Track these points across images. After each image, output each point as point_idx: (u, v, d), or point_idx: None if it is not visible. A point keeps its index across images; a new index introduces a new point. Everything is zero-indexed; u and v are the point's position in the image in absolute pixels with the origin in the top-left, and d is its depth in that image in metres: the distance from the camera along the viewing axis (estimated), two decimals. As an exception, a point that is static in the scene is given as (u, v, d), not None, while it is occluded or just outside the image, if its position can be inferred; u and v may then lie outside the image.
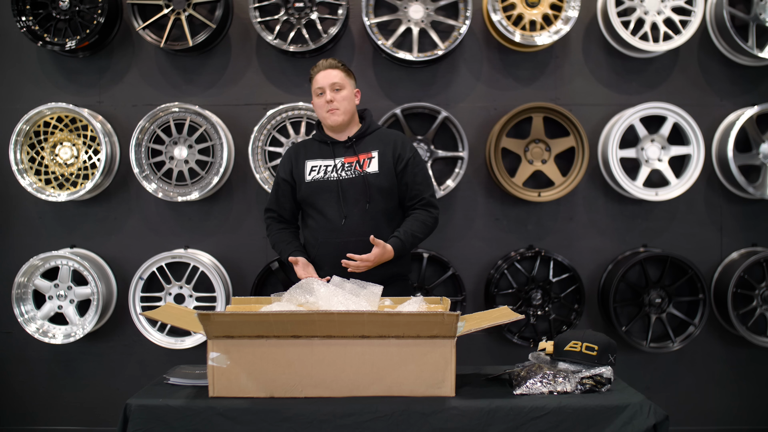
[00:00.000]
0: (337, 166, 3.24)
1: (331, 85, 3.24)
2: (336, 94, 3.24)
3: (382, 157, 3.25)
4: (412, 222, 3.23)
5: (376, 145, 3.29)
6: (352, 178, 3.21)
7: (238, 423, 2.38)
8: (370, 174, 3.22)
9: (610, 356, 2.63)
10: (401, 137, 3.34)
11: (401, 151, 3.27)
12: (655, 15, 4.28)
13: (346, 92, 3.27)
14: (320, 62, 3.30)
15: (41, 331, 4.26)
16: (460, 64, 4.42)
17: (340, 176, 3.22)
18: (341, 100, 3.25)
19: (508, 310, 2.73)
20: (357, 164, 3.24)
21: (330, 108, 3.24)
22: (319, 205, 3.23)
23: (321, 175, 3.25)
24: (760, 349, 4.39)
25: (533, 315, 4.28)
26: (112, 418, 4.19)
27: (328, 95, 3.24)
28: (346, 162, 3.25)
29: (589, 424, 2.39)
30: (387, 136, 3.32)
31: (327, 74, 3.26)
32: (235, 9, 4.36)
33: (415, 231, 3.20)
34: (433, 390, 2.47)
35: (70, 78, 4.44)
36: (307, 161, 3.29)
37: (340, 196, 3.20)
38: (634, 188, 4.26)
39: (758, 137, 4.32)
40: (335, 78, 3.25)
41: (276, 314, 2.42)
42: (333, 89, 3.24)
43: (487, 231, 4.43)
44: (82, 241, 4.44)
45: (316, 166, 3.27)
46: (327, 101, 3.23)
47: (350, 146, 3.28)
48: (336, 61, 3.31)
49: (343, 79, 3.26)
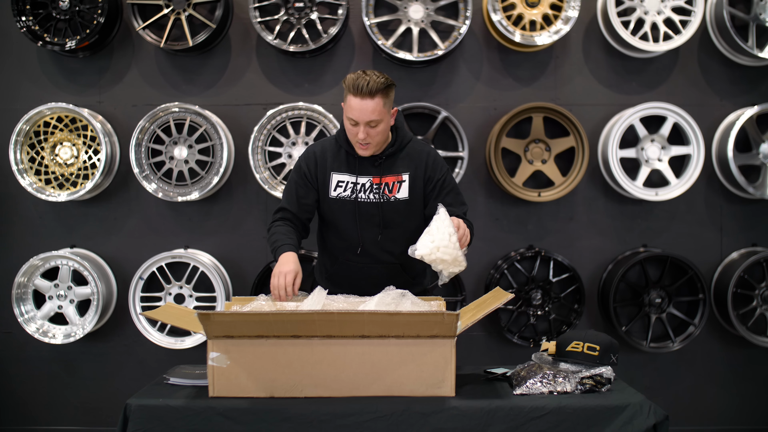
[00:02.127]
0: (365, 185, 2.97)
1: (367, 122, 2.83)
2: (371, 130, 2.86)
3: (413, 182, 2.99)
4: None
5: (407, 166, 2.99)
6: (380, 203, 2.97)
7: (238, 423, 2.38)
8: (401, 201, 2.98)
9: (612, 356, 2.63)
10: (432, 155, 3.03)
11: (431, 172, 3.00)
12: (655, 15, 4.28)
13: (383, 125, 2.87)
14: (360, 82, 2.79)
15: (41, 331, 4.26)
16: (460, 64, 4.42)
17: (368, 198, 2.97)
18: (375, 136, 2.88)
19: (500, 292, 2.70)
20: (386, 188, 2.98)
21: (362, 143, 2.89)
22: (341, 224, 3.02)
23: (348, 194, 2.98)
24: (760, 349, 4.39)
25: (533, 315, 4.28)
26: (112, 418, 4.19)
27: (361, 133, 2.85)
28: (375, 183, 2.97)
29: (589, 424, 2.39)
30: (418, 154, 3.01)
31: (363, 107, 2.81)
32: (235, 9, 4.36)
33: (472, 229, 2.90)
34: (433, 390, 2.46)
35: (70, 78, 4.44)
36: (333, 174, 2.99)
37: (360, 218, 2.98)
38: (634, 188, 4.26)
39: (758, 137, 4.32)
40: (373, 114, 2.81)
41: (276, 314, 2.42)
42: (368, 126, 2.84)
43: (487, 231, 4.43)
44: (82, 241, 4.44)
45: (342, 181, 2.99)
46: (359, 138, 2.86)
47: (379, 165, 2.99)
48: (377, 82, 2.80)
49: (381, 111, 2.83)
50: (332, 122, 4.20)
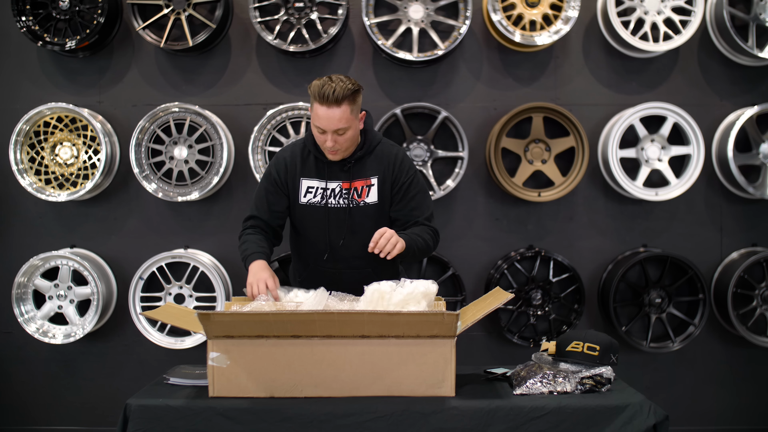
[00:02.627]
0: (335, 191, 2.96)
1: (335, 130, 2.81)
2: (339, 138, 2.84)
3: (382, 185, 2.97)
4: (414, 229, 2.95)
5: (375, 169, 2.97)
6: (349, 207, 2.96)
7: (238, 423, 2.38)
8: (370, 205, 2.97)
9: (612, 356, 2.63)
10: (400, 156, 3.01)
11: (398, 174, 2.98)
12: (655, 15, 4.28)
13: (351, 132, 2.85)
14: (325, 90, 2.77)
15: (41, 331, 4.26)
16: (460, 64, 4.42)
17: (338, 203, 2.96)
18: (344, 142, 2.86)
19: (500, 292, 2.71)
20: (355, 192, 2.96)
21: (331, 150, 2.88)
22: (311, 229, 3.00)
23: (318, 200, 2.97)
24: (760, 349, 4.39)
25: (533, 315, 4.28)
26: (112, 418, 4.18)
27: (329, 141, 2.83)
28: (344, 188, 2.96)
29: (589, 424, 2.39)
30: (387, 156, 2.99)
31: (330, 115, 2.78)
32: (235, 9, 4.36)
33: (419, 234, 2.92)
34: (433, 390, 2.47)
35: (70, 78, 4.44)
36: (303, 180, 2.98)
37: (330, 224, 2.97)
38: (634, 188, 4.26)
39: (758, 137, 4.32)
40: (340, 122, 2.79)
41: (276, 314, 2.42)
42: (336, 133, 2.82)
43: (487, 231, 4.43)
44: (82, 241, 4.44)
45: (312, 187, 2.98)
46: (327, 146, 2.85)
47: (348, 170, 2.97)
48: (342, 88, 2.77)
49: (348, 119, 2.81)
50: (332, 122, 4.20)
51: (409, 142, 4.30)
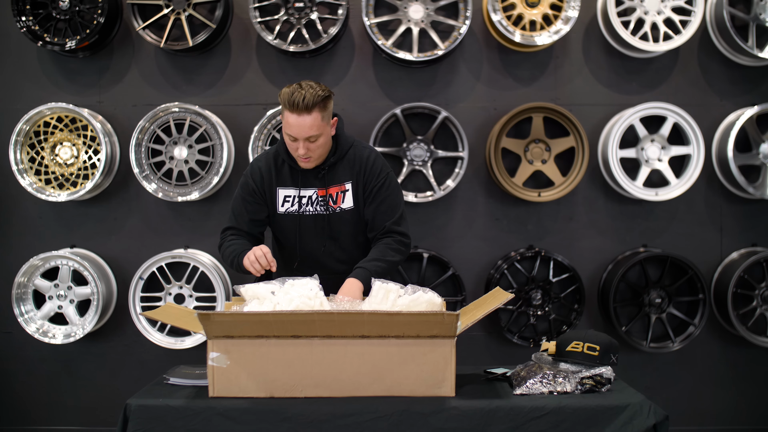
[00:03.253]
0: (312, 198, 2.95)
1: (306, 138, 2.79)
2: (311, 145, 2.82)
3: (356, 189, 2.96)
4: (375, 251, 2.93)
5: (349, 174, 2.96)
6: (326, 215, 2.96)
7: (238, 423, 2.38)
8: (346, 210, 2.96)
9: (612, 356, 2.63)
10: (372, 159, 2.97)
11: (368, 177, 2.95)
12: (655, 15, 4.28)
13: (323, 138, 2.83)
14: (295, 98, 2.74)
15: (41, 331, 4.26)
16: (460, 64, 4.42)
17: (316, 210, 2.96)
18: (316, 149, 2.84)
19: (500, 292, 2.71)
20: (330, 199, 2.94)
21: (303, 158, 2.86)
22: (289, 238, 3.01)
23: (295, 208, 2.97)
24: (760, 349, 4.39)
25: (533, 315, 4.28)
26: (112, 418, 4.18)
27: (301, 148, 2.81)
28: (320, 195, 2.95)
29: (588, 424, 2.39)
30: (359, 160, 2.96)
31: (301, 123, 2.76)
32: (235, 9, 4.36)
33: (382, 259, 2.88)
34: (433, 390, 2.47)
35: (70, 78, 4.44)
36: (279, 189, 2.98)
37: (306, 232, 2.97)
38: (634, 188, 4.26)
39: (758, 137, 4.32)
40: (311, 130, 2.77)
41: (276, 314, 2.42)
42: (308, 141, 2.80)
43: (487, 231, 4.43)
44: (82, 241, 4.44)
45: (289, 196, 2.97)
46: (299, 154, 2.83)
47: (322, 177, 2.95)
48: (312, 96, 2.74)
49: (319, 126, 2.79)
50: (332, 122, 4.21)
51: (409, 142, 4.30)
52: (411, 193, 4.29)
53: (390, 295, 2.59)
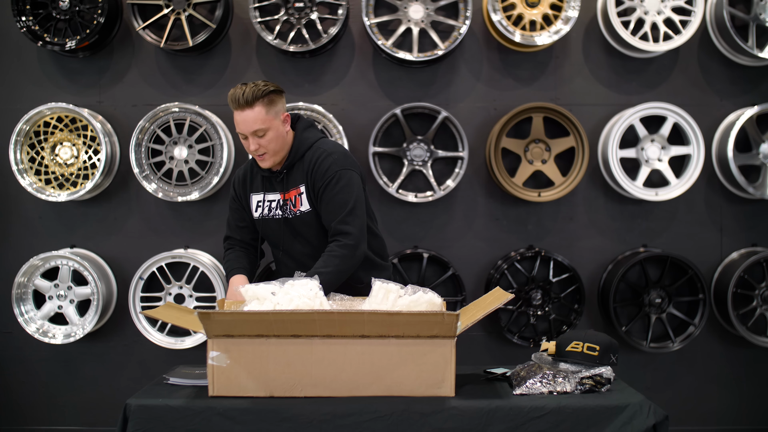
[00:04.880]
0: (277, 203, 2.96)
1: (253, 132, 2.80)
2: (261, 140, 2.82)
3: (309, 191, 2.91)
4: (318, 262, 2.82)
5: (301, 177, 2.92)
6: (289, 218, 2.95)
7: (238, 423, 2.38)
8: (305, 213, 2.92)
9: (612, 356, 2.63)
10: (320, 160, 2.88)
11: (314, 180, 2.88)
12: (655, 15, 4.28)
13: (272, 133, 2.82)
14: (236, 94, 2.79)
15: (41, 331, 4.26)
16: (460, 64, 4.42)
17: (281, 215, 2.96)
18: (268, 144, 2.83)
19: (500, 292, 2.70)
20: (290, 203, 2.94)
21: (257, 155, 2.87)
22: (269, 241, 3.06)
23: (266, 212, 2.99)
24: (760, 349, 4.39)
25: (533, 315, 4.28)
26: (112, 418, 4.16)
27: (252, 144, 2.82)
28: (282, 199, 2.95)
29: (588, 424, 2.39)
30: (308, 162, 2.90)
31: (244, 118, 2.79)
32: (235, 9, 4.36)
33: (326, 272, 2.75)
34: (433, 390, 2.46)
35: (70, 78, 4.44)
36: (252, 195, 3.01)
37: (275, 234, 2.99)
38: (634, 188, 4.26)
39: (758, 137, 4.32)
40: (256, 123, 2.79)
41: (276, 313, 2.42)
42: (256, 135, 2.81)
43: (487, 231, 4.43)
44: (82, 241, 4.44)
45: (260, 202, 3.00)
46: (252, 150, 2.85)
47: (281, 181, 2.94)
48: (253, 91, 2.78)
49: (264, 119, 2.79)
50: (332, 122, 4.21)
51: (409, 142, 4.30)
52: (411, 193, 4.29)
53: (390, 296, 2.59)
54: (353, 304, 2.68)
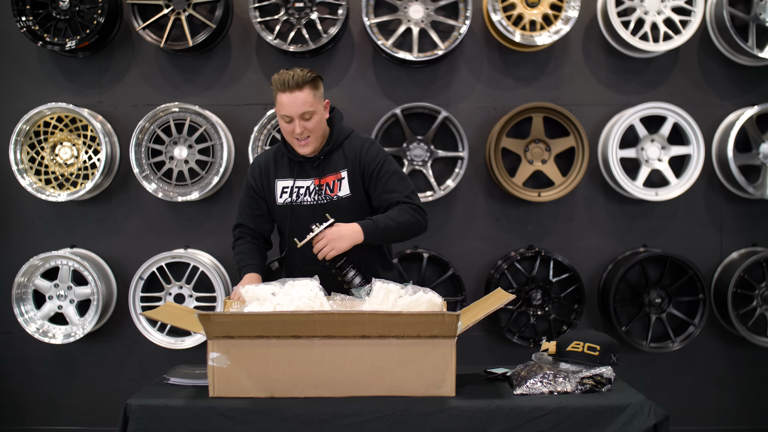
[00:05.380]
0: (310, 188, 2.98)
1: (301, 115, 2.84)
2: (306, 123, 2.86)
3: (352, 177, 2.97)
4: (387, 211, 2.93)
5: (344, 162, 2.98)
6: (323, 203, 2.97)
7: (238, 423, 2.38)
8: (344, 198, 2.97)
9: (613, 356, 2.63)
10: (366, 146, 3.01)
11: (365, 163, 2.97)
12: (655, 15, 4.28)
13: (317, 117, 2.88)
14: (285, 77, 2.83)
15: (41, 331, 4.26)
16: (460, 64, 4.42)
17: (314, 200, 2.97)
18: (312, 128, 2.88)
19: (501, 293, 2.70)
20: (327, 188, 2.97)
21: (300, 139, 2.90)
22: (294, 230, 2.98)
23: (294, 198, 2.99)
24: (760, 349, 4.39)
25: (533, 315, 4.28)
26: (112, 418, 4.18)
27: (297, 127, 2.85)
28: (316, 184, 2.97)
29: (589, 424, 2.39)
30: (353, 148, 2.99)
31: (293, 100, 2.83)
32: (235, 9, 4.36)
33: (391, 216, 2.87)
34: (434, 390, 2.47)
35: (70, 78, 4.44)
36: (278, 181, 3.02)
37: (298, 221, 2.97)
38: (634, 188, 4.26)
39: (758, 137, 4.32)
40: (305, 105, 2.83)
41: (276, 314, 2.42)
42: (303, 118, 2.85)
43: (487, 231, 4.43)
44: (82, 241, 4.44)
45: (287, 187, 3.00)
46: (297, 133, 2.87)
47: (318, 166, 2.99)
48: (302, 74, 2.83)
49: (313, 102, 2.85)
50: (332, 122, 4.21)
51: (409, 142, 4.30)
52: (411, 193, 4.29)
53: (390, 296, 2.59)
54: (353, 304, 2.68)
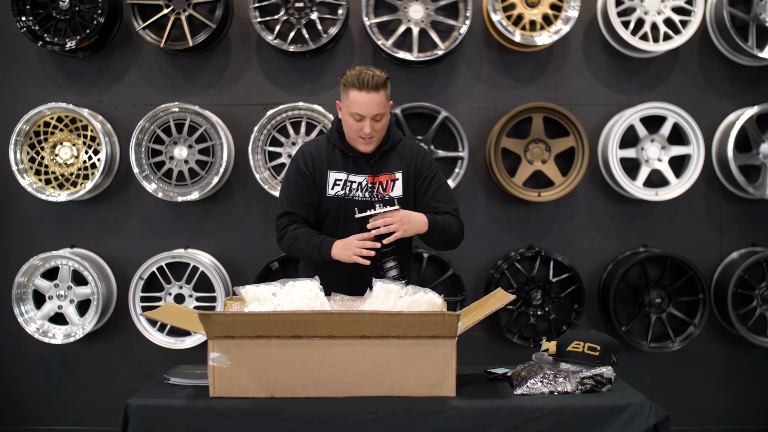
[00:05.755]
0: (362, 184, 2.99)
1: (374, 116, 2.87)
2: (376, 124, 2.89)
3: (406, 179, 3.03)
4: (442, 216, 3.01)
5: (399, 164, 3.03)
6: (374, 201, 2.99)
7: (239, 423, 2.38)
8: (394, 199, 3.00)
9: (613, 356, 2.63)
10: (422, 152, 3.09)
11: (420, 169, 3.04)
12: (655, 15, 4.28)
13: (386, 119, 2.92)
14: (365, 76, 2.84)
15: (41, 331, 4.26)
16: (460, 64, 4.42)
17: (364, 197, 2.99)
18: (380, 130, 2.92)
19: (502, 293, 2.71)
20: (380, 186, 3.00)
21: (366, 138, 2.92)
22: (336, 223, 2.99)
23: (345, 192, 2.99)
24: (760, 349, 4.39)
25: (533, 315, 4.28)
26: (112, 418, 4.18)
27: (367, 127, 2.87)
28: (369, 181, 2.99)
29: (589, 424, 2.39)
30: (409, 152, 3.05)
31: (370, 101, 2.84)
32: (235, 9, 4.36)
33: (446, 221, 2.97)
34: (434, 390, 2.47)
35: (70, 78, 4.44)
36: (330, 172, 3.00)
37: (346, 215, 2.97)
38: (634, 188, 4.26)
39: (758, 137, 4.32)
40: (379, 107, 2.86)
41: (277, 314, 2.42)
42: (374, 120, 2.88)
43: (487, 231, 4.43)
44: (82, 241, 4.43)
45: (339, 180, 2.99)
46: (365, 132, 2.89)
47: (373, 164, 3.01)
48: (380, 75, 2.86)
49: (384, 104, 2.88)
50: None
51: (409, 142, 4.30)
52: (411, 193, 4.29)
53: (391, 296, 2.59)
54: (354, 304, 2.68)
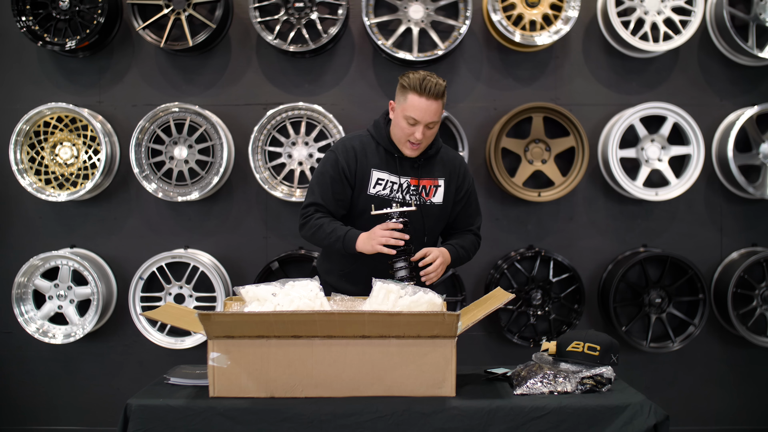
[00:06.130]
0: (402, 186, 2.97)
1: (428, 123, 2.86)
2: (428, 131, 2.89)
3: (448, 187, 3.03)
4: (461, 239, 3.06)
5: (442, 171, 3.03)
6: (417, 204, 2.96)
7: (239, 423, 2.38)
8: (435, 205, 3.01)
9: (613, 356, 2.63)
10: (464, 164, 3.11)
11: (462, 181, 3.07)
12: (655, 15, 4.28)
13: (437, 127, 2.93)
14: (428, 83, 2.82)
15: (41, 331, 4.26)
16: (460, 64, 4.42)
17: (405, 199, 2.96)
18: (430, 137, 2.92)
19: (501, 292, 2.71)
20: (423, 190, 2.99)
21: (414, 144, 2.90)
22: (373, 222, 2.90)
23: (387, 192, 2.96)
24: (760, 349, 4.39)
25: (533, 315, 4.28)
26: (112, 418, 4.19)
27: (419, 133, 2.85)
28: (413, 184, 2.98)
29: (589, 424, 2.39)
30: (452, 161, 3.06)
31: (429, 108, 2.83)
32: (235, 9, 4.36)
33: (464, 246, 3.03)
34: (434, 390, 2.47)
35: (70, 78, 4.44)
36: (374, 171, 2.96)
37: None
38: (634, 188, 4.26)
39: (758, 137, 4.32)
40: (435, 116, 2.85)
41: (277, 314, 2.42)
42: (427, 127, 2.87)
43: (487, 231, 4.42)
44: (82, 241, 4.44)
45: (382, 179, 2.96)
46: (416, 138, 2.86)
47: (417, 167, 3.00)
48: (441, 84, 2.85)
49: (440, 114, 2.89)
50: (332, 122, 4.20)
51: (409, 142, 4.30)
52: (411, 193, 4.29)
53: (391, 296, 2.59)
54: (354, 304, 2.68)
